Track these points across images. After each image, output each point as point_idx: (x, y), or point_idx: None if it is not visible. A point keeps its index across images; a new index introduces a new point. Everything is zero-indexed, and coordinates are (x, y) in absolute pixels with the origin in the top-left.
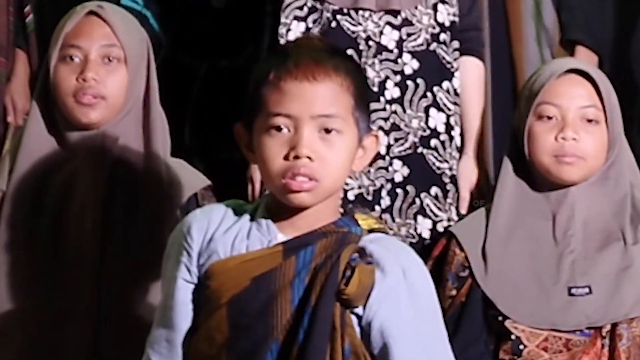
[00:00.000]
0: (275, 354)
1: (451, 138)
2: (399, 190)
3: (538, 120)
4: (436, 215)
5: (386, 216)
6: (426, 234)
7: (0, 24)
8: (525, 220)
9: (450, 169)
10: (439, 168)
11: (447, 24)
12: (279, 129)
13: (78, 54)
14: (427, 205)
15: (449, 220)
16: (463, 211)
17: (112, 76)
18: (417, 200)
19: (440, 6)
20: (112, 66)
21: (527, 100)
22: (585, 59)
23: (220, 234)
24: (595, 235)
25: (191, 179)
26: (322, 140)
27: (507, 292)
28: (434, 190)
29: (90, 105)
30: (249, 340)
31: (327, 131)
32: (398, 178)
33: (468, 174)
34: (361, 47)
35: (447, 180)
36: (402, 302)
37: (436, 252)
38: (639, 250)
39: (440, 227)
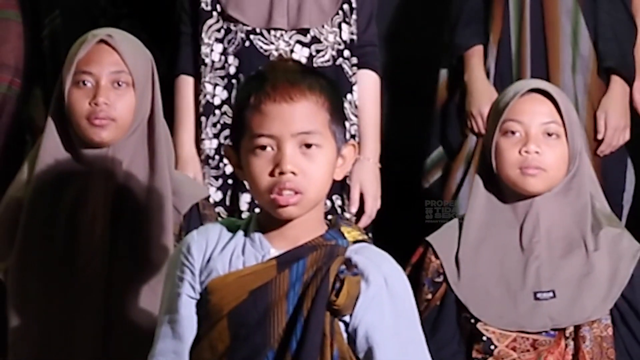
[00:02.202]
0: None
1: None
2: None
3: (504, 136)
4: (343, 214)
5: None
6: None
7: (16, 48)
8: (495, 230)
9: (352, 172)
10: (350, 166)
11: (348, 41)
12: (263, 148)
13: (90, 80)
14: (340, 206)
15: (352, 218)
16: (353, 210)
17: (122, 100)
18: (328, 202)
19: (343, 25)
20: (122, 90)
21: (493, 119)
22: (619, 87)
23: (217, 252)
24: (559, 243)
25: (193, 189)
26: (303, 155)
27: (479, 297)
28: (342, 192)
29: (102, 127)
30: (247, 348)
31: (308, 146)
32: None
33: (359, 177)
34: None
35: (350, 183)
36: (384, 309)
37: (414, 259)
38: (599, 257)
39: None
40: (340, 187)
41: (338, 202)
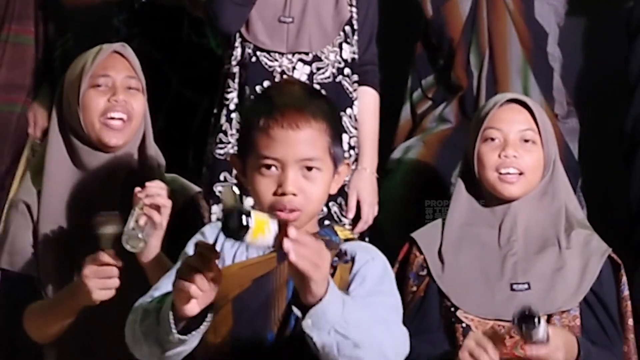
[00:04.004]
0: (270, 342)
1: (350, 156)
2: None
3: (484, 142)
4: (340, 220)
5: None
6: None
7: (30, 71)
8: (475, 228)
9: (349, 181)
10: (343, 181)
11: (349, 60)
12: (268, 167)
13: (107, 82)
14: (335, 212)
15: (349, 224)
16: (350, 216)
17: (135, 100)
18: (325, 208)
19: (344, 45)
20: (133, 93)
21: (475, 127)
22: None
23: (225, 246)
24: (534, 241)
25: (184, 187)
26: (304, 178)
27: (459, 288)
28: (339, 199)
29: (116, 129)
30: (249, 331)
31: (309, 169)
32: None
33: (356, 186)
34: (277, 80)
35: (347, 191)
36: (367, 277)
37: (400, 255)
38: (571, 254)
39: None
40: (337, 195)
41: (334, 209)
